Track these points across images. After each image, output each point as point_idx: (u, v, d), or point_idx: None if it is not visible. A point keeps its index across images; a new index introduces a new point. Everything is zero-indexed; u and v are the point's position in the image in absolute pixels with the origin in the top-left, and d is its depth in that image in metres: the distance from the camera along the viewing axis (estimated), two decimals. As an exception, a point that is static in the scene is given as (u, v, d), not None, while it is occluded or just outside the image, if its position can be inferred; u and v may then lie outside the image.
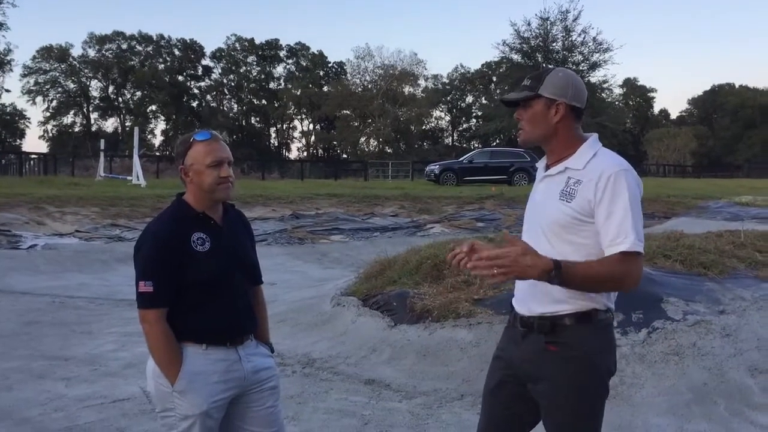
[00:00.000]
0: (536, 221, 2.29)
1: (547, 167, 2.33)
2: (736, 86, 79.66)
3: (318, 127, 76.62)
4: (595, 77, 46.58)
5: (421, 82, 70.04)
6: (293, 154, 78.64)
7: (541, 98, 2.24)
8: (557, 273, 2.01)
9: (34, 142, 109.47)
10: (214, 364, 2.41)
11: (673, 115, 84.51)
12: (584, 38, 45.49)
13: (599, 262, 2.09)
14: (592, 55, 45.84)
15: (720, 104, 77.14)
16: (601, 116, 43.51)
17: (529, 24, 45.75)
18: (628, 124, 75.04)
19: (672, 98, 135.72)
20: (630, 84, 77.66)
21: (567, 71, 2.32)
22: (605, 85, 49.59)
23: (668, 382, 4.60)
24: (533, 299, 2.26)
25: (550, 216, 2.22)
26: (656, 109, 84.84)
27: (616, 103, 63.31)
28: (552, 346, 2.19)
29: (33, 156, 39.46)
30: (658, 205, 18.25)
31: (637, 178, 2.16)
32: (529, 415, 2.35)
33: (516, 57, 48.21)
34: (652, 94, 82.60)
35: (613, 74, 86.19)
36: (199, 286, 2.39)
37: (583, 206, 2.14)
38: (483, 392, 2.46)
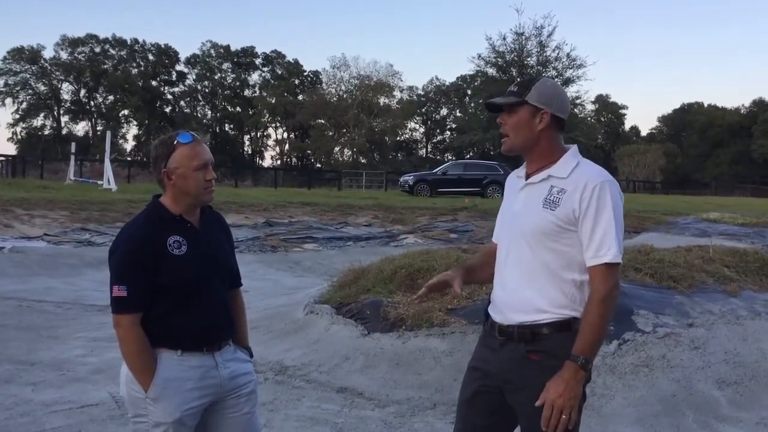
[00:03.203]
0: (518, 229, 2.29)
1: (528, 176, 2.34)
2: (705, 105, 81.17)
3: (292, 135, 76.44)
4: (569, 93, 47.00)
5: (397, 94, 70.35)
6: (267, 162, 78.39)
7: (527, 105, 2.26)
8: (582, 360, 2.10)
9: (2, 144, 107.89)
10: (189, 371, 2.37)
11: (644, 132, 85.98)
12: (558, 54, 45.95)
13: (587, 309, 2.15)
14: (565, 71, 46.30)
15: (689, 122, 78.52)
16: (573, 131, 43.98)
17: (504, 38, 46.03)
18: (600, 140, 76.02)
19: (642, 115, 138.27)
20: (602, 100, 78.79)
21: (555, 82, 2.36)
22: (578, 101, 50.06)
23: (638, 393, 4.66)
24: (512, 308, 2.27)
25: (532, 224, 2.23)
26: (627, 126, 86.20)
27: (589, 118, 64.07)
28: (533, 355, 2.21)
29: (1, 158, 38.80)
30: (629, 219, 18.41)
31: (620, 190, 2.21)
32: (506, 424, 2.36)
33: (491, 71, 48.54)
34: (623, 111, 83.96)
35: (586, 90, 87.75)
36: (175, 291, 2.35)
37: (567, 215, 2.18)
38: (458, 402, 2.46)
